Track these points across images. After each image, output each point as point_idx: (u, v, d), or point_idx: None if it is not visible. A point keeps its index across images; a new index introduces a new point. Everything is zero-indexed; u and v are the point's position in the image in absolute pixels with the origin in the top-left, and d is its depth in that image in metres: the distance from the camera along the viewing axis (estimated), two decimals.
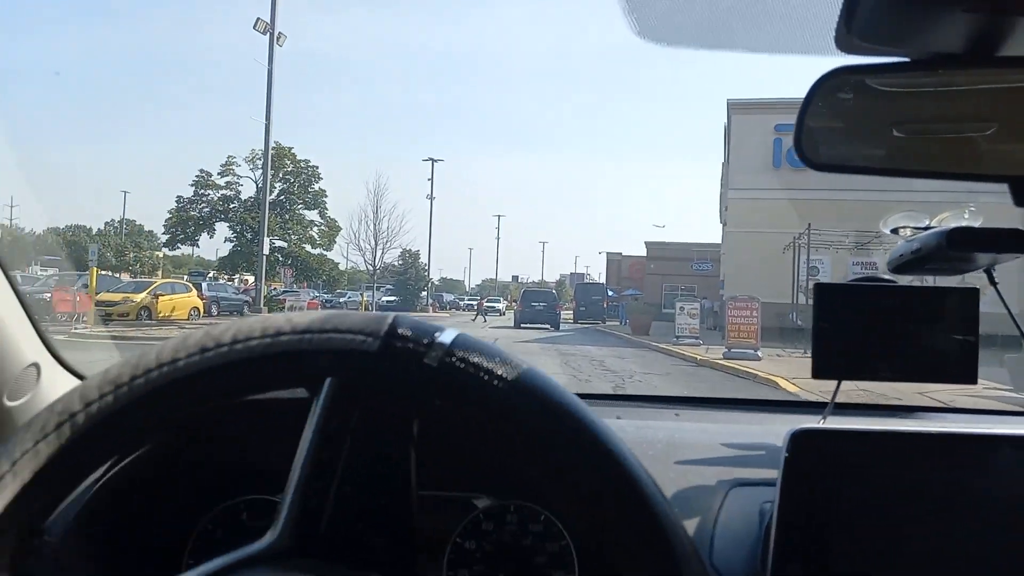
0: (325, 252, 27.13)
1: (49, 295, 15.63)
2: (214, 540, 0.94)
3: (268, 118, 19.63)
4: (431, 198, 45.33)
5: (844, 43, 0.60)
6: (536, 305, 27.90)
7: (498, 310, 42.20)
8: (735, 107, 24.66)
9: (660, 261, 44.78)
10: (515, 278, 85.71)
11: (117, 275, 25.36)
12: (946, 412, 1.31)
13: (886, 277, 0.89)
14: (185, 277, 28.00)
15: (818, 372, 0.83)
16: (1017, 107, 0.65)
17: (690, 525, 0.77)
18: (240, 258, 25.33)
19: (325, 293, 31.31)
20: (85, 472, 0.49)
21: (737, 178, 24.37)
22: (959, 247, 0.82)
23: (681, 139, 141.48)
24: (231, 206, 26.58)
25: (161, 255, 30.73)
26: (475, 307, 39.22)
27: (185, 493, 0.90)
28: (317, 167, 27.16)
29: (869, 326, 0.83)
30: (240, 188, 26.85)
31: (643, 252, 49.95)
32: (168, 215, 28.33)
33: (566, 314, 39.91)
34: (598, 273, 51.09)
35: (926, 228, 0.93)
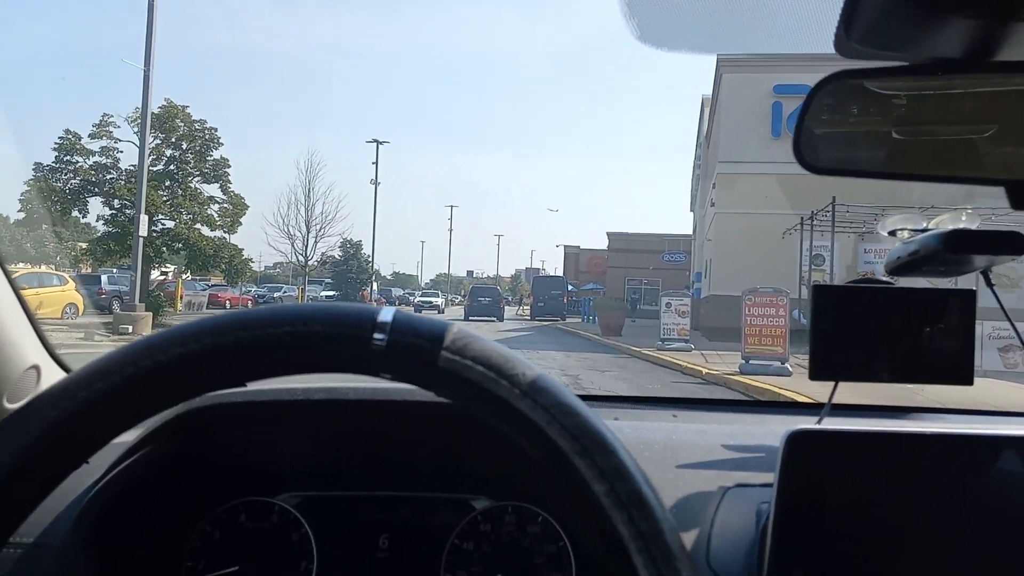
0: (227, 235, 20.86)
1: None
2: (213, 542, 0.94)
3: (148, 62, 16.01)
4: (375, 183, 40.19)
5: (843, 47, 0.62)
6: (482, 300, 32.35)
7: (435, 306, 35.88)
8: (726, 64, 18.80)
9: (623, 253, 42.13)
10: (470, 273, 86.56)
11: (38, 268, 22.77)
12: (943, 412, 1.30)
13: (884, 279, 0.92)
14: (115, 270, 25.00)
15: (816, 374, 0.86)
16: (1015, 112, 0.68)
17: (688, 527, 0.81)
18: (115, 241, 19.09)
19: (231, 285, 25.00)
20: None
21: (728, 149, 19.00)
22: (956, 249, 0.85)
23: (642, 134, 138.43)
24: (107, 177, 20.38)
25: (85, 246, 24.31)
26: (412, 303, 33.96)
27: (184, 495, 0.92)
28: (216, 130, 21.40)
29: (866, 328, 0.86)
30: (119, 155, 20.69)
31: (602, 245, 47.96)
32: (25, 187, 21.84)
33: (515, 309, 41.01)
34: (554, 268, 52.10)
35: (924, 230, 0.94)
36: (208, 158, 23.56)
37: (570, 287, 38.73)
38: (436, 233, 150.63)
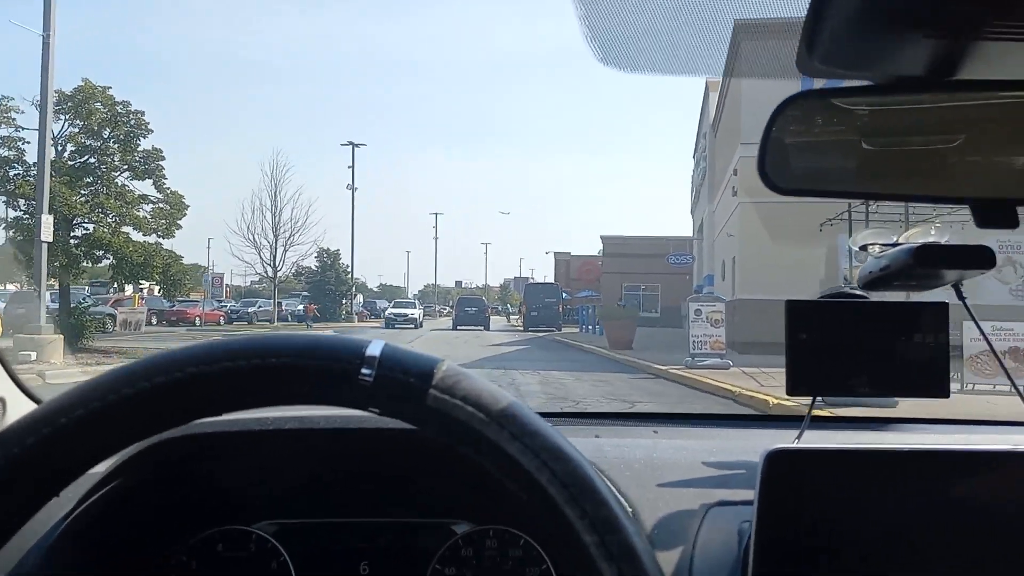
0: (162, 239, 16.87)
1: None
2: (190, 572, 0.96)
3: (48, 25, 12.82)
4: (352, 188, 36.27)
5: (806, 66, 0.64)
6: (469, 310, 34.70)
7: (411, 319, 31.72)
8: (746, 30, 13.60)
9: (619, 258, 39.87)
10: (458, 283, 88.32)
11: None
12: (923, 423, 1.31)
13: (858, 292, 0.96)
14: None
15: (793, 389, 0.89)
16: (978, 129, 0.71)
17: (670, 547, 0.84)
18: (21, 250, 15.07)
19: (167, 298, 21.07)
20: (30, 504, 0.51)
21: (752, 129, 13.95)
22: (926, 264, 0.87)
23: (630, 139, 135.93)
24: (10, 173, 16.17)
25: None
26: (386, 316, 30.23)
27: (159, 525, 0.94)
28: (143, 114, 17.13)
29: (842, 342, 0.89)
30: (25, 147, 16.56)
31: (594, 251, 47.20)
32: None
33: (505, 319, 42.19)
34: (543, 276, 52.90)
35: (895, 245, 0.97)
36: (135, 148, 19.34)
37: (564, 295, 37.01)
38: (422, 243, 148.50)
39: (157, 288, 21.00)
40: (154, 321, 30.73)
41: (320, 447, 0.99)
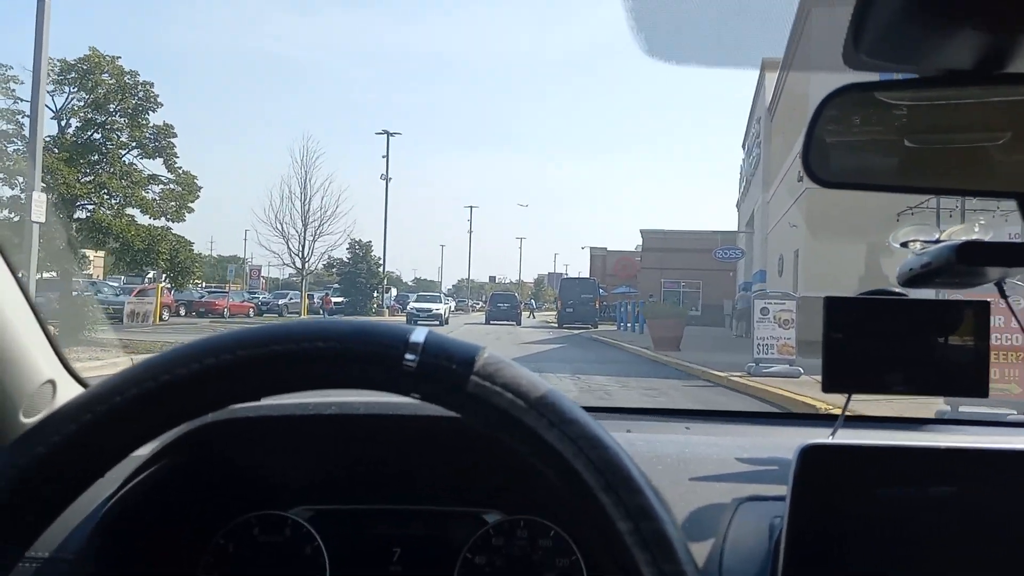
0: (172, 223, 15.13)
1: None
2: (227, 555, 0.98)
3: None
4: (386, 178, 34.80)
5: (852, 60, 0.64)
6: (501, 305, 35.26)
7: (435, 315, 29.75)
8: (811, 20, 11.54)
9: (659, 253, 37.76)
10: (492, 279, 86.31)
11: None
12: (958, 424, 1.29)
13: (896, 290, 0.94)
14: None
15: (829, 386, 0.88)
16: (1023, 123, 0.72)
17: (700, 540, 0.85)
18: (16, 233, 13.57)
19: (175, 288, 19.64)
20: (78, 484, 0.53)
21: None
22: (969, 261, 0.85)
23: (671, 132, 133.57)
24: (9, 148, 14.70)
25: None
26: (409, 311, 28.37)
27: (198, 509, 0.96)
28: (152, 85, 15.53)
29: (880, 339, 0.88)
30: (24, 120, 15.21)
31: (630, 247, 45.93)
32: None
33: (548, 316, 42.55)
34: (578, 271, 53.23)
35: (936, 241, 0.97)
36: (144, 124, 17.75)
37: (601, 291, 35.54)
38: (457, 237, 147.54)
39: (165, 276, 19.43)
40: (182, 312, 29.65)
41: (358, 433, 1.01)
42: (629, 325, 26.61)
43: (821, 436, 0.79)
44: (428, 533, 1.03)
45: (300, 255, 30.01)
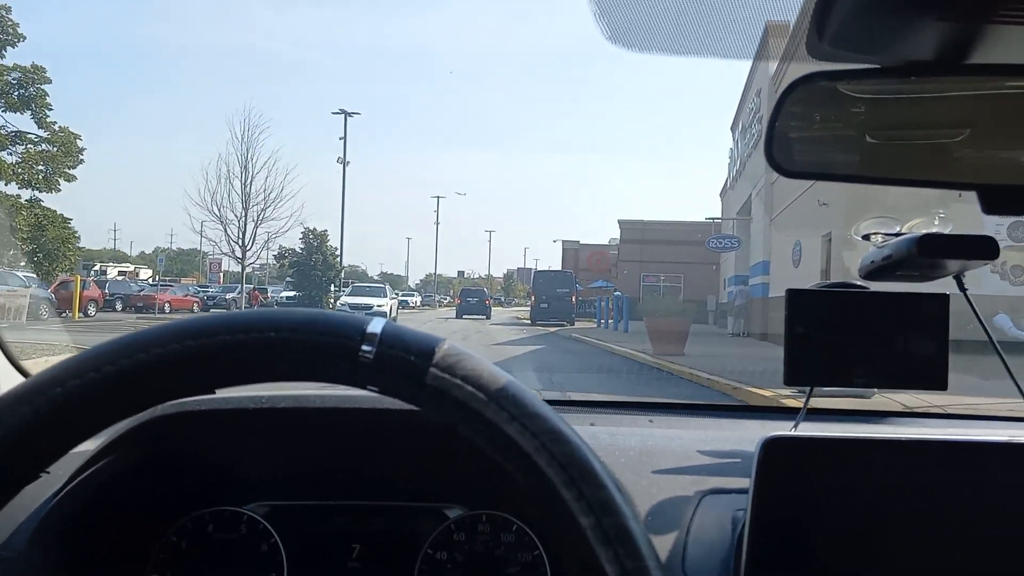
0: (40, 194, 11.08)
1: None
2: (179, 552, 0.95)
3: None
4: (344, 161, 30.99)
5: (815, 50, 0.63)
6: (471, 300, 35.64)
7: (376, 313, 25.22)
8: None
9: (638, 245, 35.48)
10: (460, 273, 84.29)
11: None
12: (917, 417, 1.32)
13: (858, 283, 0.93)
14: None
15: (791, 379, 0.88)
16: (987, 114, 0.70)
17: (663, 533, 0.85)
18: None
19: (43, 276, 15.83)
20: (18, 480, 0.50)
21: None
22: (929, 254, 0.86)
23: (642, 126, 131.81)
24: None
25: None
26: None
27: (149, 505, 0.93)
28: (8, 10, 11.42)
29: (841, 332, 0.88)
30: None
31: (604, 240, 44.66)
32: None
33: (518, 312, 42.43)
34: (547, 266, 48.50)
35: (897, 234, 0.95)
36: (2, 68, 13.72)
37: (577, 285, 34.09)
38: (424, 229, 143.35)
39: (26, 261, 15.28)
40: (119, 307, 25.74)
41: (314, 427, 0.98)
42: (608, 321, 24.46)
43: (784, 429, 0.79)
44: (388, 528, 1.01)
45: (240, 243, 26.50)
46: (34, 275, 19.47)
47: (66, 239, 13.88)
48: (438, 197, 65.98)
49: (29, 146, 12.93)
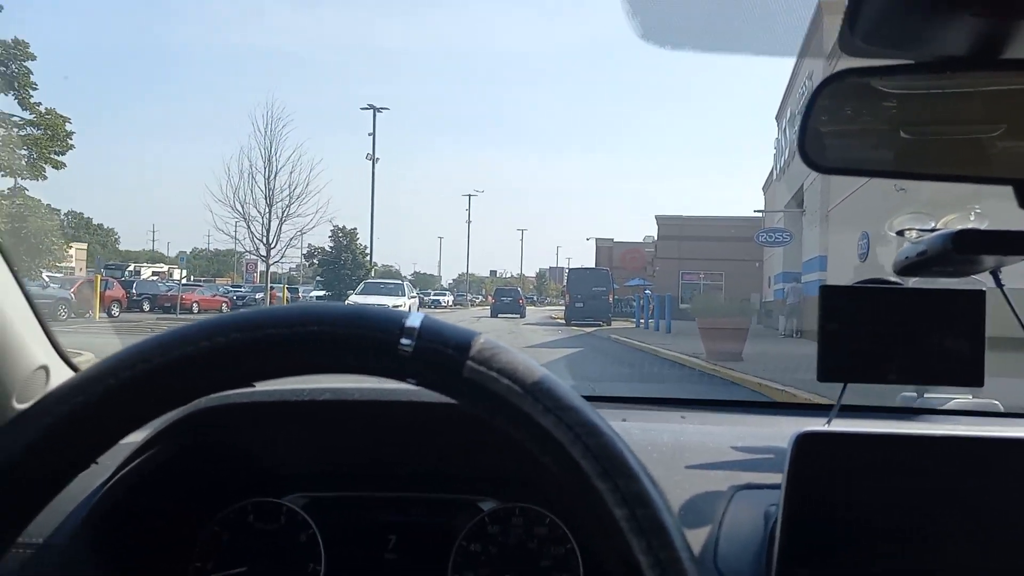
0: (22, 179, 9.80)
1: None
2: (221, 543, 0.96)
3: None
4: (373, 158, 29.99)
5: (848, 46, 0.63)
6: (505, 299, 35.79)
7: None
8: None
9: (676, 241, 33.69)
10: (493, 273, 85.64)
11: None
12: (952, 414, 1.27)
13: (893, 279, 0.92)
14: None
15: (824, 375, 0.87)
16: (1021, 110, 0.69)
17: (696, 529, 0.84)
18: None
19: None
20: (71, 468, 0.52)
21: None
22: (964, 249, 0.84)
23: (672, 127, 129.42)
24: None
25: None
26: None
27: (192, 496, 0.95)
28: None
29: (875, 329, 0.86)
30: None
31: (638, 238, 43.15)
32: None
33: (552, 311, 42.04)
34: (580, 264, 46.54)
35: (932, 230, 0.98)
36: None
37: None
38: (457, 228, 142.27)
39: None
40: (146, 307, 25.08)
41: (353, 419, 1.00)
42: (649, 322, 22.66)
43: (817, 425, 0.79)
44: (423, 520, 1.02)
45: (264, 240, 25.30)
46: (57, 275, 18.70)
47: (49, 231, 12.45)
48: (469, 195, 65.61)
49: (12, 129, 11.55)
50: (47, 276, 17.21)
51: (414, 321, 0.51)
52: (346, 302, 23.93)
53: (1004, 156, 0.67)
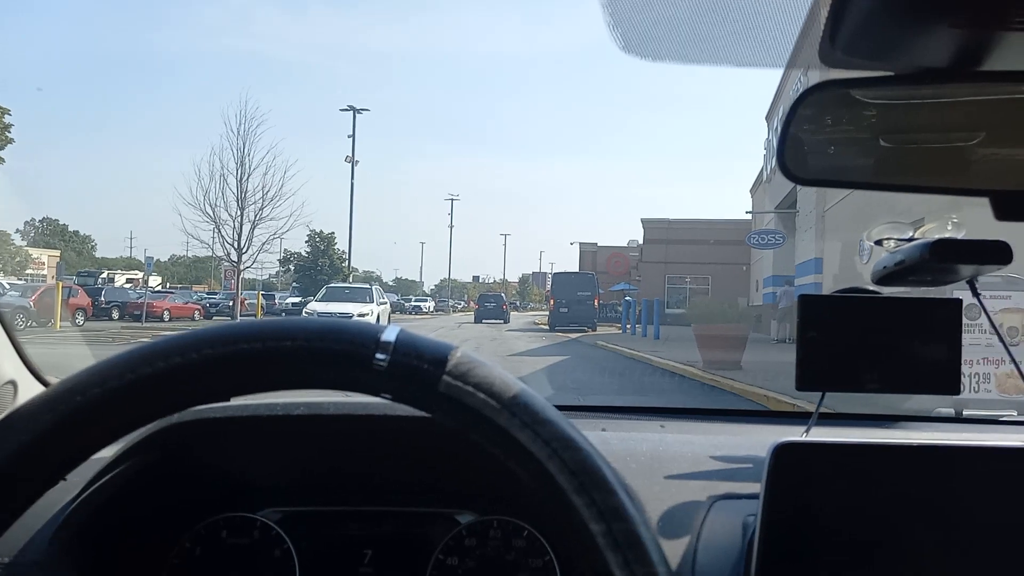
0: None
1: None
2: (194, 558, 0.96)
3: None
4: (352, 161, 28.69)
5: (828, 57, 0.63)
6: (488, 305, 34.75)
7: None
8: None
9: (662, 245, 32.88)
10: (475, 278, 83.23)
11: None
12: (930, 421, 1.27)
13: (871, 288, 0.92)
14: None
15: (802, 384, 0.87)
16: (1000, 121, 0.70)
17: (674, 539, 0.84)
18: None
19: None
20: (40, 485, 0.51)
21: None
22: (942, 259, 0.85)
23: (655, 132, 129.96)
24: None
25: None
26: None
27: (164, 511, 0.94)
28: None
29: (853, 337, 0.87)
30: None
31: (622, 242, 43.28)
32: None
33: (535, 316, 42.14)
34: (564, 269, 43.81)
35: (910, 239, 0.95)
36: None
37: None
38: (439, 233, 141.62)
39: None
40: (115, 315, 23.88)
41: (328, 434, 0.99)
42: (635, 327, 21.93)
43: (796, 434, 0.79)
44: (400, 534, 1.01)
45: (235, 245, 24.10)
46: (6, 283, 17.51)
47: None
48: (451, 199, 64.61)
49: None
50: (6, 283, 16.09)
51: (389, 335, 0.50)
52: (304, 310, 22.17)
53: (982, 166, 0.67)
